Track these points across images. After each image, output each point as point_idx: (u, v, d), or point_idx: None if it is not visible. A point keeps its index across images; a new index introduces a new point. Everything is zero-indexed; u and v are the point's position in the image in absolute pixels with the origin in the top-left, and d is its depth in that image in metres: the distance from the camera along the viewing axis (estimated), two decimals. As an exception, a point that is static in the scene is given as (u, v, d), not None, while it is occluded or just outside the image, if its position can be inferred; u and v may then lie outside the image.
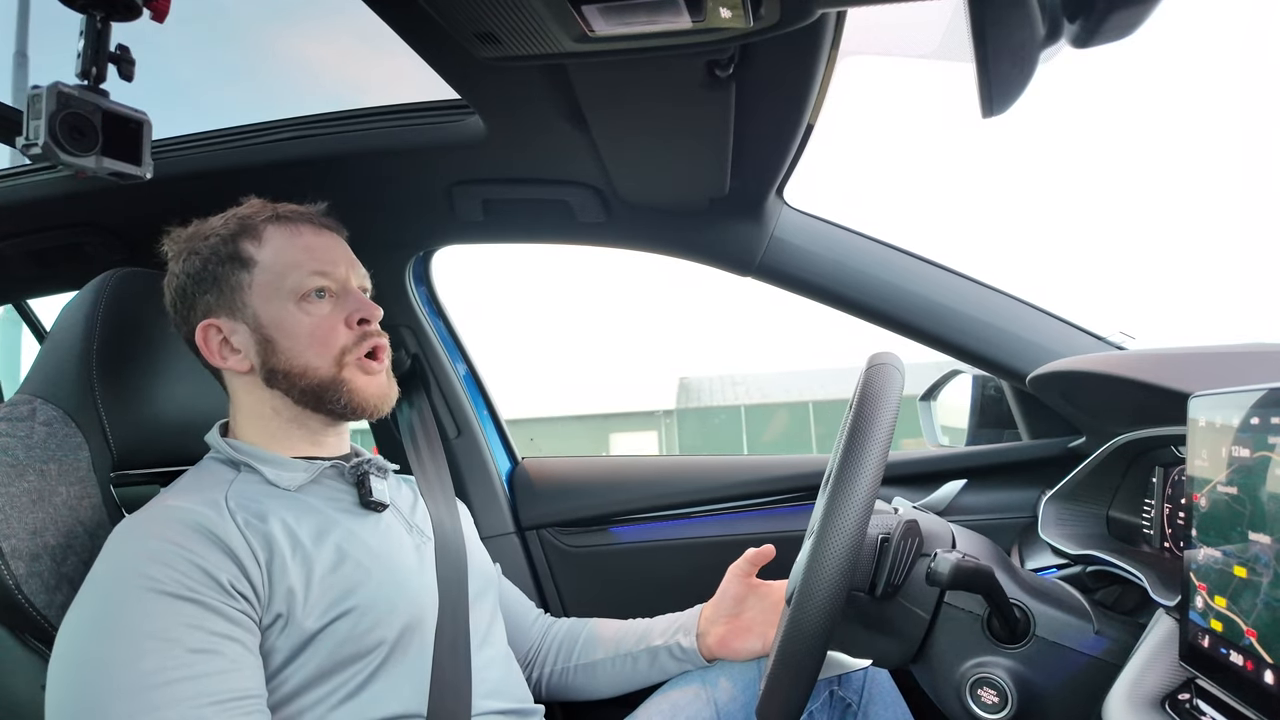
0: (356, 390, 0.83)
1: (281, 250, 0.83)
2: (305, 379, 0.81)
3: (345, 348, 0.82)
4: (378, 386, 0.85)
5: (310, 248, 0.84)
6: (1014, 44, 0.55)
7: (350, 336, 0.83)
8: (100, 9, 0.70)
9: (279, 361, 0.81)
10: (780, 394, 17.14)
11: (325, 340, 0.81)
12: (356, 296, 0.85)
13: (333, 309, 0.83)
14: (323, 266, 0.83)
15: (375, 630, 0.74)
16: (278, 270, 0.82)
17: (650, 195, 1.09)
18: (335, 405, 0.82)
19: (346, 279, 0.85)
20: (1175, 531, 0.80)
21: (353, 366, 0.82)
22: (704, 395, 18.15)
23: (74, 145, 0.70)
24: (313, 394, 0.82)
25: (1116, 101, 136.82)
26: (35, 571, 0.74)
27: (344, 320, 0.83)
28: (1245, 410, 0.52)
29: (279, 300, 0.81)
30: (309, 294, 0.82)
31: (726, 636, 0.95)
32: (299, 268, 0.82)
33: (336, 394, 0.82)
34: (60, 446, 0.81)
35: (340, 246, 0.87)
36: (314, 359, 0.81)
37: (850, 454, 0.63)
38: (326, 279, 0.83)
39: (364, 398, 0.83)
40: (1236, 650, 0.51)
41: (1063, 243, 76.73)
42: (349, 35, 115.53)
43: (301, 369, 0.81)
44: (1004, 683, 0.69)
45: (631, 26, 0.59)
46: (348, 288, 0.85)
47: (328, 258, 0.84)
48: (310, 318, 0.81)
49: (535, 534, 1.38)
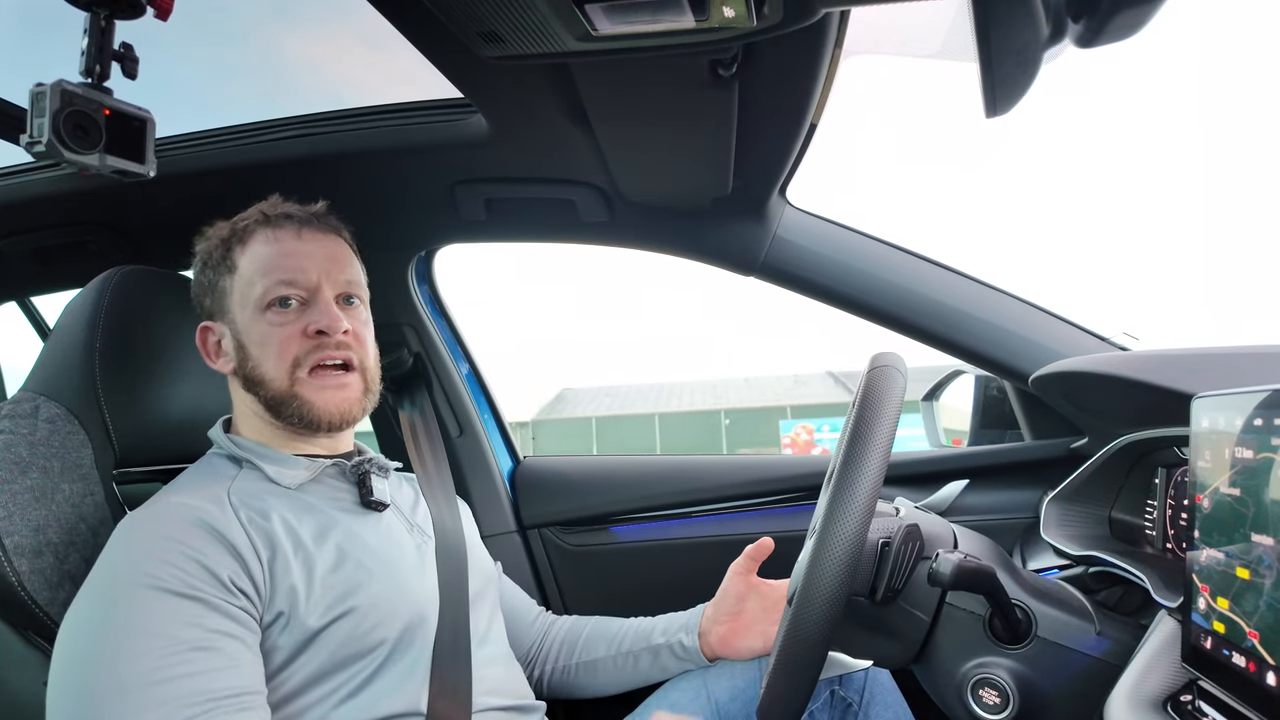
0: (308, 404, 0.81)
1: (256, 257, 0.82)
2: (264, 389, 0.81)
3: (298, 359, 0.80)
4: (334, 402, 0.82)
5: (284, 254, 0.82)
6: (1018, 44, 0.55)
7: (304, 347, 0.81)
8: (104, 7, 0.70)
9: (249, 369, 0.82)
10: (639, 406, 17.80)
11: (280, 351, 0.80)
12: (322, 306, 0.82)
13: (297, 318, 0.81)
14: (290, 275, 0.81)
15: (376, 630, 0.75)
16: (249, 278, 0.82)
17: (653, 194, 1.09)
18: (291, 418, 0.81)
19: (317, 286, 0.82)
20: (1178, 533, 0.80)
21: (305, 380, 0.81)
22: (573, 406, 18.93)
23: (78, 143, 0.70)
24: (272, 405, 0.81)
25: (1120, 102, 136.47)
26: (38, 568, 0.74)
27: (302, 330, 0.81)
28: (1248, 412, 0.52)
29: (249, 308, 0.81)
30: (273, 303, 0.81)
31: (728, 635, 0.95)
32: (267, 275, 0.81)
33: (289, 407, 0.81)
34: (63, 444, 0.81)
35: (321, 251, 0.84)
36: (271, 369, 0.80)
37: (851, 457, 0.63)
38: (293, 287, 0.81)
39: (317, 412, 0.81)
40: (1239, 652, 0.50)
41: (1066, 243, 76.57)
42: (352, 34, 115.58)
43: (260, 378, 0.81)
44: (1005, 683, 0.69)
45: (635, 25, 0.59)
46: (318, 296, 0.82)
47: (297, 265, 0.82)
48: (273, 327, 0.81)
49: (537, 533, 1.38)
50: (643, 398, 19.60)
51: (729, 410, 17.89)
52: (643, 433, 17.36)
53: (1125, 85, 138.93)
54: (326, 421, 0.82)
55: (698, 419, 17.40)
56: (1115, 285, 72.53)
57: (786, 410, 17.63)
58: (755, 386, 19.85)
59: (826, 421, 16.45)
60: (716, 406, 17.88)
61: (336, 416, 0.82)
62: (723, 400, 18.27)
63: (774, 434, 16.96)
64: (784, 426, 17.07)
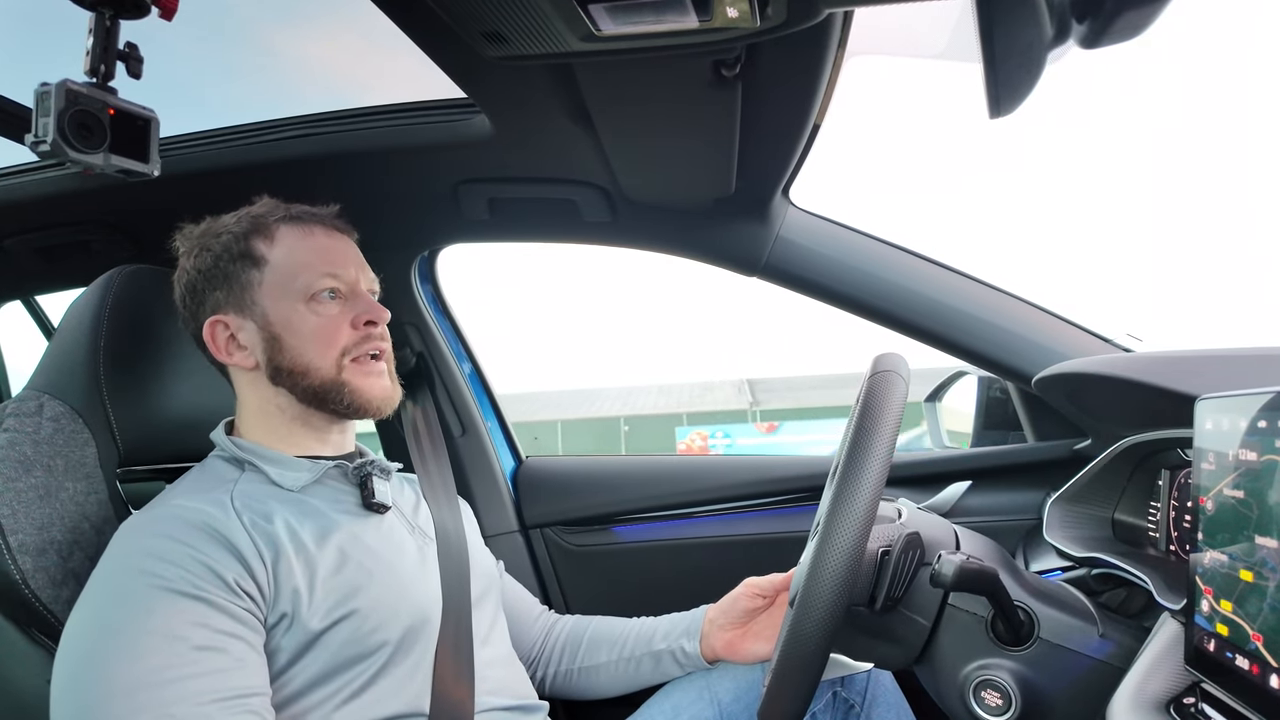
0: (358, 391, 0.83)
1: (294, 250, 0.83)
2: (307, 378, 0.81)
3: (346, 348, 0.82)
4: (380, 388, 0.85)
5: (322, 249, 0.84)
6: (1022, 44, 0.55)
7: (353, 337, 0.83)
8: (109, 7, 0.70)
9: (284, 360, 0.81)
10: (548, 413, 18.77)
11: (329, 340, 0.82)
12: (365, 299, 0.85)
13: (341, 310, 0.83)
14: (334, 268, 0.83)
15: (378, 632, 0.75)
16: (289, 269, 0.82)
17: (656, 194, 1.09)
18: (338, 405, 0.83)
19: (356, 281, 0.85)
20: (1181, 535, 0.79)
21: (352, 368, 0.83)
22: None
23: (82, 142, 0.70)
24: (315, 393, 0.82)
25: (1123, 103, 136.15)
26: (42, 566, 0.74)
27: (350, 321, 0.83)
28: (1252, 413, 0.51)
29: (289, 299, 0.82)
30: (319, 294, 0.82)
31: (734, 641, 0.95)
32: (310, 268, 0.82)
33: (339, 394, 0.82)
34: (67, 442, 0.81)
35: (351, 249, 0.88)
36: (316, 358, 0.81)
37: (852, 463, 0.63)
38: (337, 280, 0.83)
39: (366, 398, 0.83)
40: (1242, 654, 0.50)
41: (1070, 244, 76.44)
42: (357, 35, 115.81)
43: (304, 368, 0.81)
44: (1007, 685, 0.69)
45: (638, 26, 0.59)
46: (357, 290, 0.85)
47: (339, 259, 0.85)
48: (318, 317, 0.82)
49: (539, 533, 1.38)
50: (554, 404, 20.01)
51: (629, 417, 18.43)
52: (546, 439, 17.74)
53: (1128, 85, 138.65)
54: (376, 407, 0.85)
55: (600, 425, 17.97)
56: (1119, 286, 72.46)
57: (683, 417, 18.24)
58: (667, 393, 20.45)
59: (720, 428, 17.24)
60: (620, 413, 18.35)
61: (383, 402, 0.85)
62: (630, 407, 18.79)
63: (670, 440, 17.55)
64: (680, 433, 17.73)
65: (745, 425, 17.77)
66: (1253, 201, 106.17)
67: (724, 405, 18.59)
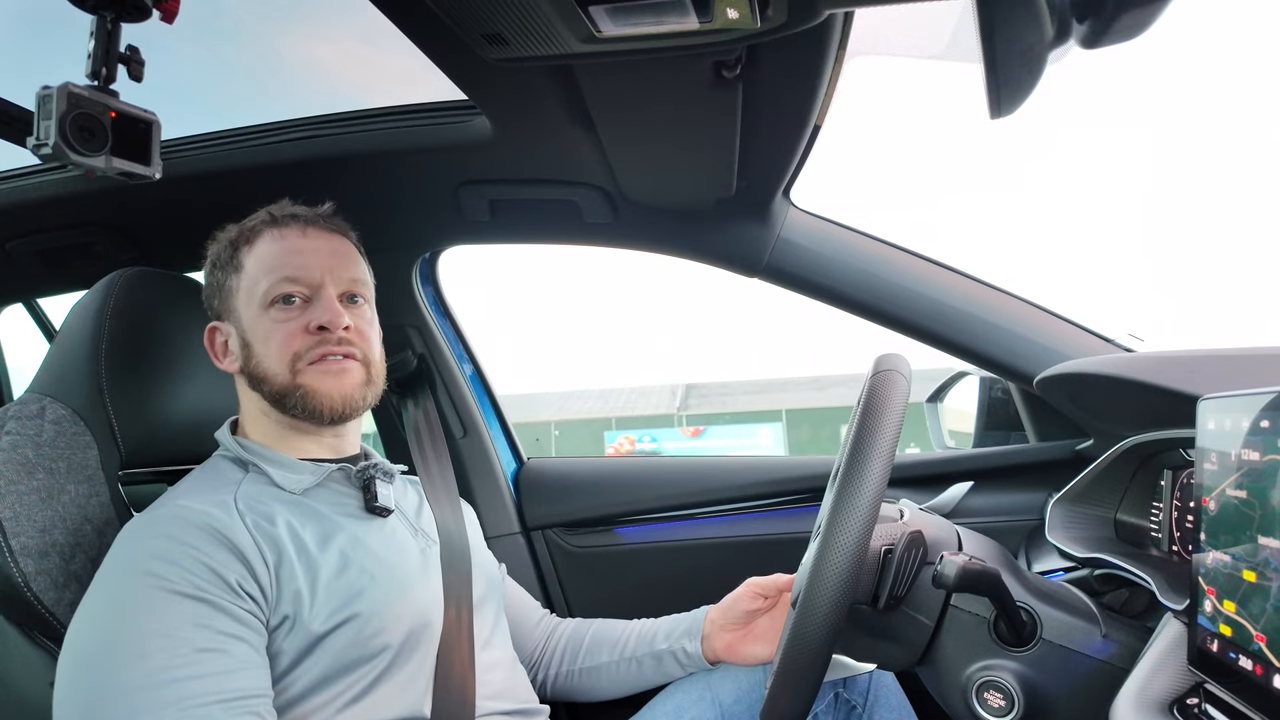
0: (314, 392, 0.81)
1: (262, 256, 0.84)
2: (267, 384, 0.82)
3: (298, 353, 0.81)
4: (338, 388, 0.82)
5: (289, 252, 0.84)
6: (1022, 44, 0.55)
7: (306, 343, 0.82)
8: (110, 10, 0.71)
9: (252, 365, 0.82)
10: None
11: (283, 346, 0.81)
12: (325, 302, 0.83)
13: (300, 314, 0.82)
14: (294, 272, 0.83)
15: (380, 636, 0.75)
16: (254, 276, 0.83)
17: (657, 196, 1.09)
18: (295, 410, 0.82)
19: (321, 284, 0.83)
20: (1184, 535, 0.79)
21: (309, 370, 0.81)
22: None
23: (84, 145, 0.70)
24: (276, 399, 0.82)
25: (1124, 103, 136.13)
26: (44, 569, 0.74)
27: (304, 326, 0.82)
28: (1255, 413, 0.51)
29: (254, 306, 0.83)
30: (277, 300, 0.82)
31: (734, 642, 0.95)
32: (272, 273, 0.82)
33: (292, 398, 0.81)
34: (69, 445, 0.81)
35: (326, 248, 0.86)
36: (274, 364, 0.81)
37: (854, 464, 0.63)
38: (296, 285, 0.83)
39: (320, 398, 0.81)
40: (1246, 655, 0.50)
41: (1071, 244, 76.42)
42: (358, 37, 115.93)
43: (264, 374, 0.82)
44: (1010, 686, 0.69)
45: (639, 27, 0.59)
46: (321, 293, 0.83)
47: (301, 262, 0.83)
48: (274, 324, 0.82)
49: (540, 534, 1.38)
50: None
51: (559, 422, 18.72)
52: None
53: (1129, 85, 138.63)
54: (329, 408, 0.82)
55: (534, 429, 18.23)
56: (1120, 286, 72.43)
57: (612, 422, 18.63)
58: (605, 398, 20.77)
59: (647, 432, 17.73)
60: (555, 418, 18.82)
61: (340, 402, 0.82)
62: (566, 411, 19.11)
63: (600, 444, 17.95)
64: (609, 437, 18.11)
65: (672, 430, 18.21)
66: (1253, 201, 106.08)
67: (653, 410, 19.07)
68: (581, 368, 43.40)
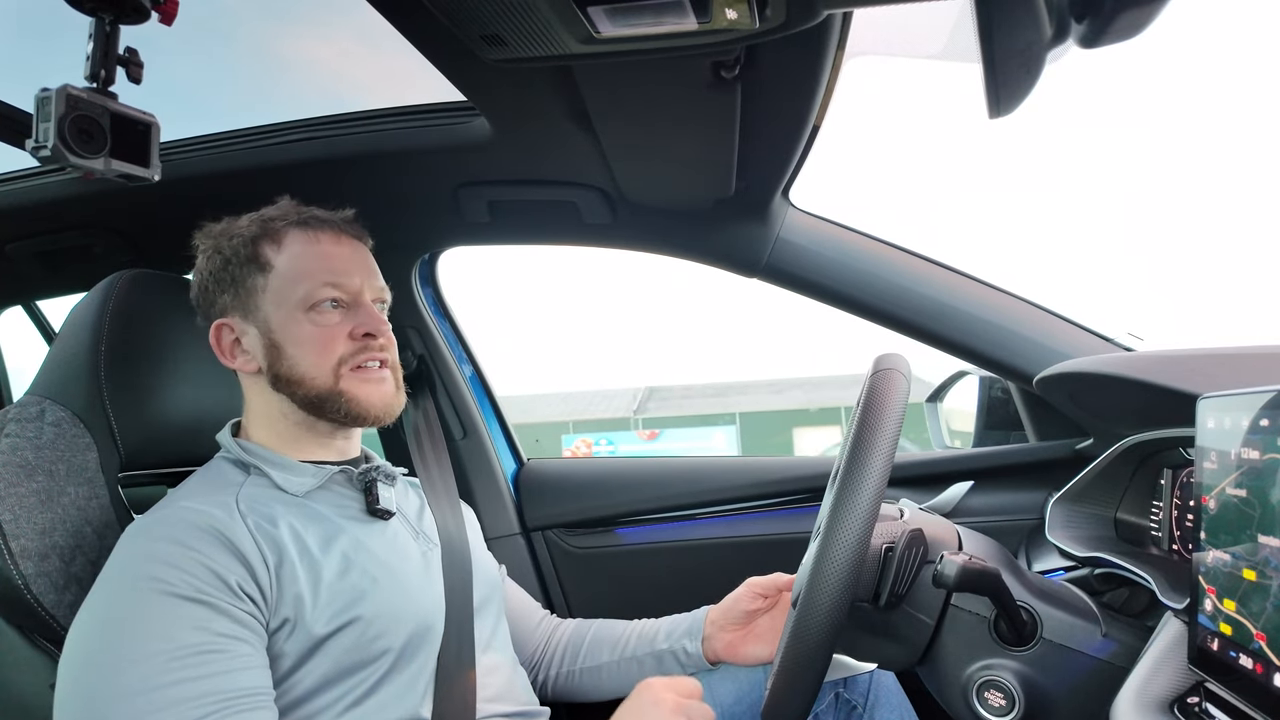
0: (357, 399, 0.82)
1: (297, 257, 0.82)
2: (304, 387, 0.81)
3: (343, 358, 0.81)
4: (380, 396, 0.84)
5: (327, 256, 0.83)
6: (1021, 44, 0.55)
7: (350, 348, 0.82)
8: (109, 12, 0.71)
9: (283, 368, 0.81)
10: None
11: (324, 350, 0.81)
12: (366, 309, 0.84)
13: (341, 320, 0.82)
14: (336, 278, 0.82)
15: (381, 639, 0.75)
16: (291, 277, 0.82)
17: (656, 196, 1.09)
18: (336, 414, 0.82)
19: (359, 291, 0.84)
20: (1184, 534, 0.79)
21: (350, 376, 0.82)
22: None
23: (82, 147, 0.70)
24: (312, 402, 0.81)
25: (1125, 102, 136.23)
26: (44, 571, 0.74)
27: (348, 332, 0.82)
28: (1254, 412, 0.51)
29: (288, 307, 0.81)
30: (319, 304, 0.81)
31: (735, 642, 0.95)
32: (312, 277, 0.81)
33: (336, 404, 0.81)
34: (69, 447, 0.81)
35: (359, 256, 0.86)
36: (312, 368, 0.81)
37: (854, 463, 0.63)
38: (338, 290, 0.82)
39: (364, 406, 0.82)
40: (1246, 653, 0.50)
41: (1071, 243, 76.47)
42: (356, 39, 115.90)
43: (300, 377, 0.81)
44: (1011, 685, 0.69)
45: (637, 28, 0.59)
46: (360, 300, 0.84)
47: (342, 268, 0.83)
48: (316, 327, 0.81)
49: (541, 535, 1.38)
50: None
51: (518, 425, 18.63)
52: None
53: (1129, 85, 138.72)
54: (374, 415, 0.83)
55: None
56: (1119, 286, 72.47)
57: (569, 425, 18.92)
58: (568, 400, 21.10)
59: (604, 435, 17.92)
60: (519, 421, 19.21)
61: (382, 409, 0.84)
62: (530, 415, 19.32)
63: (558, 446, 18.19)
64: (566, 440, 18.40)
65: (628, 433, 18.40)
66: (1257, 202, 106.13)
67: (611, 413, 19.33)
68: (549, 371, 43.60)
